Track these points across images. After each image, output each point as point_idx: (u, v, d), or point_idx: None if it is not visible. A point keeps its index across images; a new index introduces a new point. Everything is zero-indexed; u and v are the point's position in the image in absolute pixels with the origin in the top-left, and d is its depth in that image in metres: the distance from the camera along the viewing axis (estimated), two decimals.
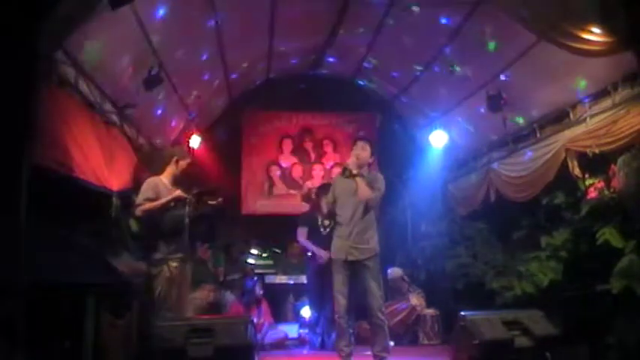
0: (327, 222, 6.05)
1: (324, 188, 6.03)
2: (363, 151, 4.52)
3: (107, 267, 3.57)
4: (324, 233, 6.08)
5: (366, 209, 4.43)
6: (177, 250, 4.59)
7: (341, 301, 4.36)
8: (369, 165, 4.61)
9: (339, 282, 4.39)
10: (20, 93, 3.05)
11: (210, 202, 4.79)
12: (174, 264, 4.52)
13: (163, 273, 4.50)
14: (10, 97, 3.01)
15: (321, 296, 6.12)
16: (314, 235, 6.17)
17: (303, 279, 6.68)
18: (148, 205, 4.49)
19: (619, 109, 4.81)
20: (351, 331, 4.49)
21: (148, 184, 4.67)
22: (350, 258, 4.35)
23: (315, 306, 6.29)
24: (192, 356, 3.57)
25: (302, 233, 6.26)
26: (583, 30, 3.99)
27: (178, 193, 4.63)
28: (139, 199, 4.60)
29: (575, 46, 4.18)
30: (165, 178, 4.73)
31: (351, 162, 4.46)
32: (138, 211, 4.58)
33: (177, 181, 4.74)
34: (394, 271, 7.04)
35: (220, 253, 7.28)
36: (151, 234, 4.59)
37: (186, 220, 4.53)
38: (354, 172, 4.41)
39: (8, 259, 2.86)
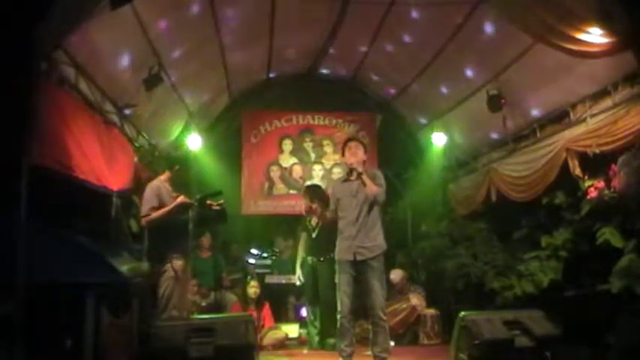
0: (314, 224, 6.08)
1: (312, 190, 6.04)
2: (358, 150, 4.55)
3: (107, 267, 3.56)
4: (314, 236, 6.11)
5: (371, 208, 4.43)
6: (179, 250, 4.65)
7: (345, 301, 4.36)
8: (364, 163, 4.63)
9: (345, 282, 4.39)
10: (20, 93, 3.05)
11: (213, 207, 4.84)
12: (179, 262, 4.59)
13: (168, 272, 4.55)
14: (10, 97, 3.01)
15: (316, 295, 6.14)
16: (307, 239, 6.25)
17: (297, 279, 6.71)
18: (154, 215, 4.59)
19: (619, 108, 4.81)
20: (352, 331, 4.48)
21: (152, 191, 4.73)
22: (359, 258, 4.34)
23: (311, 305, 6.32)
24: (192, 356, 3.58)
25: (301, 238, 6.42)
26: (580, 31, 3.99)
27: (182, 199, 4.71)
28: (144, 208, 4.69)
29: (573, 49, 4.18)
30: (165, 182, 4.82)
31: (355, 162, 4.46)
32: (144, 222, 4.69)
33: (176, 183, 4.80)
34: (397, 273, 7.03)
35: (220, 253, 7.27)
36: (156, 239, 4.65)
37: (191, 226, 4.61)
38: (360, 170, 4.42)
39: (8, 259, 2.85)
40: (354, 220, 4.42)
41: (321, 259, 5.96)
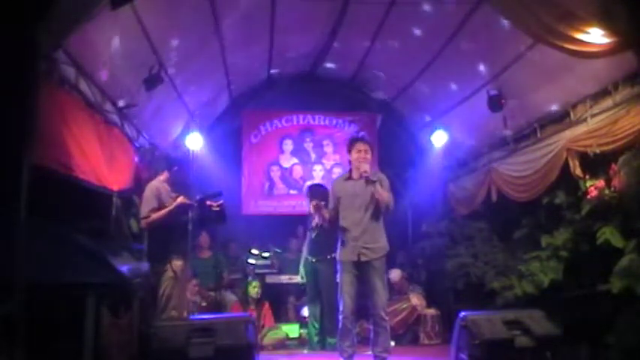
0: (314, 224, 6.07)
1: (315, 190, 6.02)
2: (368, 155, 4.48)
3: (107, 267, 3.56)
4: (313, 236, 6.10)
5: (375, 209, 4.39)
6: (179, 251, 4.66)
7: (347, 301, 4.35)
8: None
9: (347, 282, 4.38)
10: (20, 93, 3.05)
11: (213, 208, 4.84)
12: (178, 262, 4.59)
13: (168, 272, 4.56)
14: (10, 97, 3.01)
15: (316, 295, 6.14)
16: (308, 239, 6.26)
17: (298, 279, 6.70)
18: (154, 217, 4.60)
19: (619, 108, 4.81)
20: (354, 331, 4.48)
21: (151, 192, 4.74)
22: (363, 259, 4.33)
23: (311, 304, 6.32)
24: (192, 356, 3.58)
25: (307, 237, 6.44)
26: (581, 32, 3.98)
27: (181, 199, 4.71)
28: (144, 210, 4.70)
29: (573, 49, 4.18)
30: (164, 182, 4.83)
31: (368, 169, 4.38)
32: (144, 224, 4.69)
33: (175, 183, 4.82)
34: (396, 273, 7.04)
35: (220, 253, 7.27)
36: (156, 239, 4.66)
37: (190, 227, 4.62)
38: (374, 178, 4.35)
39: (8, 259, 2.85)
40: (358, 220, 4.38)
41: (321, 259, 5.96)
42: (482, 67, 6.26)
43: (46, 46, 3.42)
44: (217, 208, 4.89)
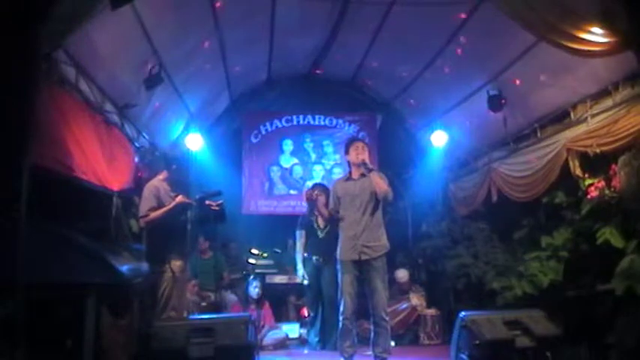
0: (322, 224, 6.06)
1: (320, 185, 6.04)
2: (365, 151, 4.58)
3: (107, 267, 3.56)
4: (321, 236, 6.09)
5: (375, 207, 4.43)
6: (178, 251, 4.66)
7: (348, 302, 4.36)
8: None
9: (348, 283, 4.39)
10: (20, 93, 3.05)
11: (212, 207, 4.84)
12: (177, 262, 4.59)
13: (167, 272, 4.56)
14: (10, 97, 3.01)
15: (317, 295, 6.14)
16: (310, 238, 6.23)
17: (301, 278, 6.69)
18: (153, 215, 4.59)
19: (620, 108, 4.81)
20: (354, 331, 4.48)
21: (150, 191, 4.73)
22: (363, 257, 4.35)
23: (312, 305, 6.31)
24: (192, 356, 3.58)
25: (300, 236, 6.34)
26: (582, 31, 3.98)
27: (180, 198, 4.71)
28: (143, 209, 4.69)
29: (575, 47, 4.18)
30: (164, 181, 4.82)
31: (367, 158, 4.49)
32: (142, 222, 4.68)
33: (175, 182, 4.81)
34: (403, 273, 7.04)
35: (220, 253, 7.27)
36: (155, 239, 4.65)
37: (189, 227, 4.61)
38: (372, 167, 4.46)
39: (8, 259, 2.85)
40: (358, 219, 4.42)
41: (327, 259, 5.95)
42: (482, 67, 6.26)
43: (46, 46, 3.42)
44: (217, 208, 4.89)
